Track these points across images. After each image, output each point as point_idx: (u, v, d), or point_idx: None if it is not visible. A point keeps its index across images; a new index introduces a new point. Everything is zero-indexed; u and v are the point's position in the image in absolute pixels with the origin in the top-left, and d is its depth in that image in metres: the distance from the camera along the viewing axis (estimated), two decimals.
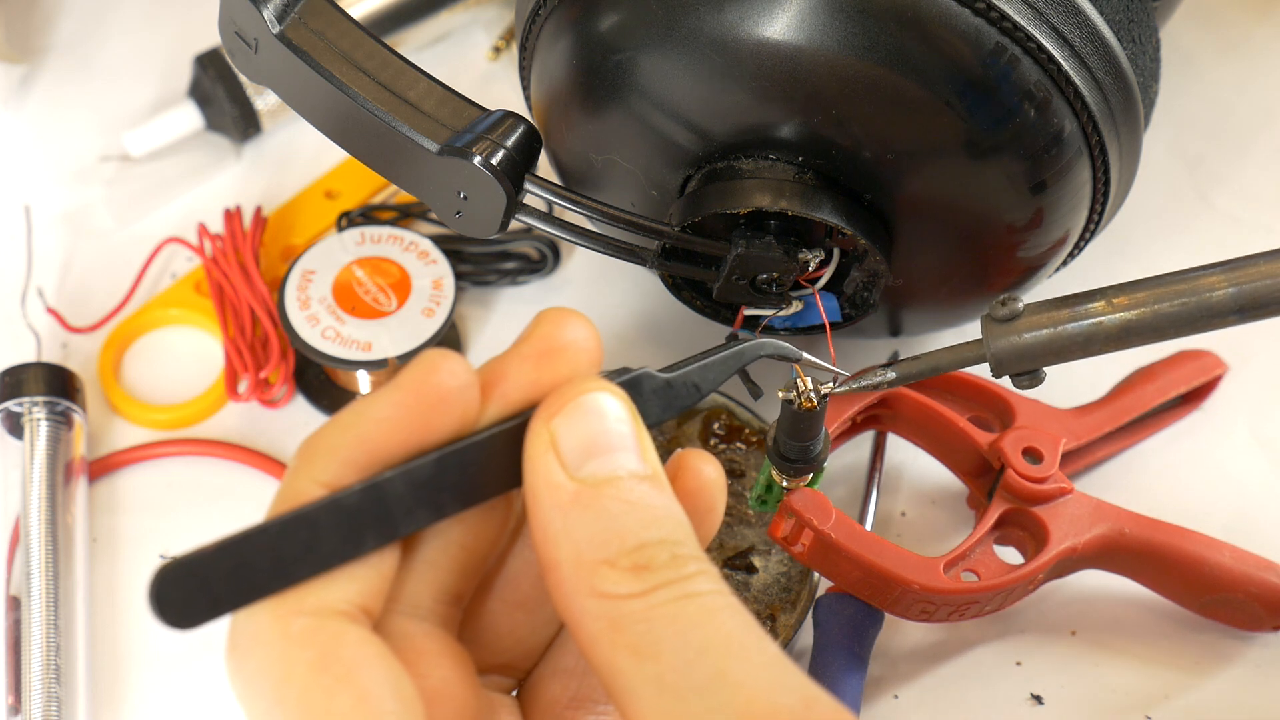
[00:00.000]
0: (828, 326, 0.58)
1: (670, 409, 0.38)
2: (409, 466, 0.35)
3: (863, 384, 0.51)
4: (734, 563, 0.61)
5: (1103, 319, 0.49)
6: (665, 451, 0.63)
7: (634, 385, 0.38)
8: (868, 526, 0.63)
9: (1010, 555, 0.59)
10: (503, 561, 0.39)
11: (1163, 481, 0.66)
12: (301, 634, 0.33)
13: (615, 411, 0.36)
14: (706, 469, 0.39)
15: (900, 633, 0.61)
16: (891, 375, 0.51)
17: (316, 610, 0.34)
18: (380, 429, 0.35)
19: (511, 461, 0.36)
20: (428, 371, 0.35)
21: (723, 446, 0.63)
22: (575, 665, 0.39)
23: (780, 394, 0.52)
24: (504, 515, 0.38)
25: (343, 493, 0.34)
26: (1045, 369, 0.50)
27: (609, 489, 0.35)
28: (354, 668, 0.33)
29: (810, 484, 0.56)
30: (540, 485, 0.35)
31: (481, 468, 0.36)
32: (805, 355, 0.44)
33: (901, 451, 0.65)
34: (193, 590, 0.33)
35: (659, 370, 0.39)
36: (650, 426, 0.37)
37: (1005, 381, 0.62)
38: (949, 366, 0.51)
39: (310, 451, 0.35)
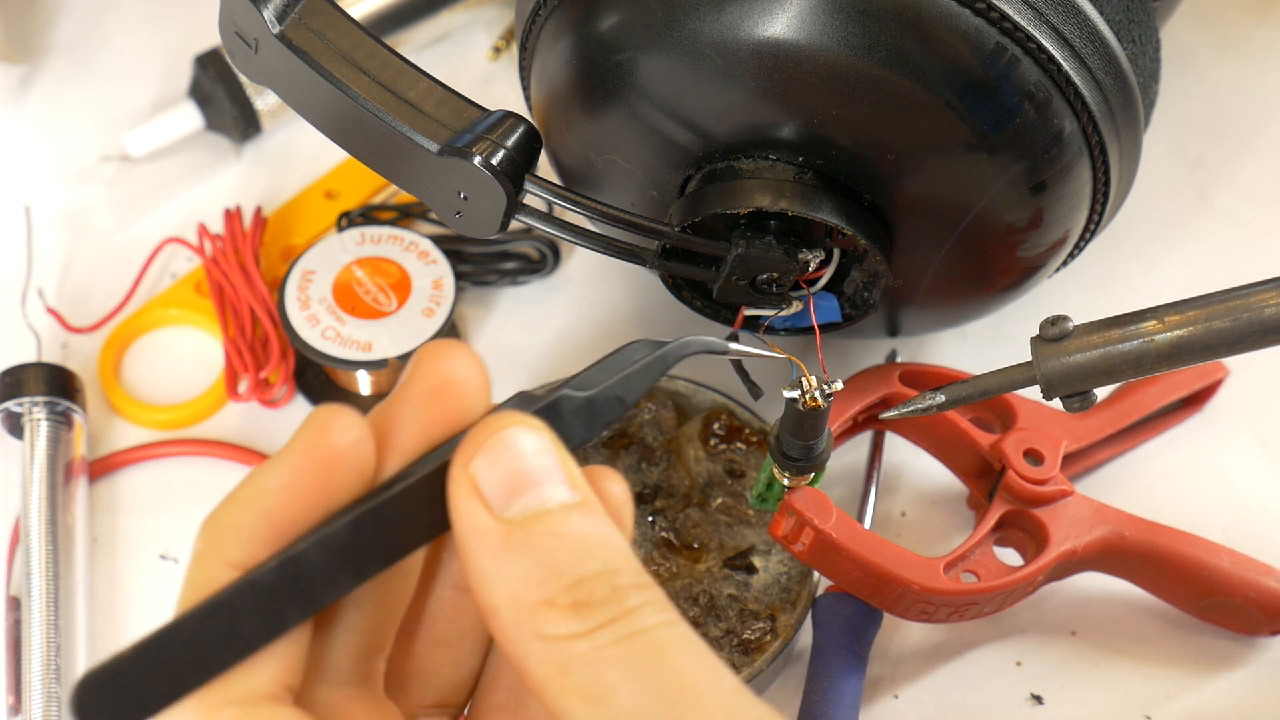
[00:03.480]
0: (817, 330, 0.58)
1: (595, 427, 0.36)
2: (323, 534, 0.33)
3: (915, 408, 0.50)
4: (734, 563, 0.61)
5: (1154, 337, 0.48)
6: (666, 452, 0.63)
7: (552, 410, 0.36)
8: (866, 526, 0.63)
9: (1010, 557, 0.59)
10: (418, 604, 0.38)
11: (1163, 484, 0.66)
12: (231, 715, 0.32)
13: (534, 444, 0.34)
14: (612, 488, 0.37)
15: (900, 633, 0.62)
16: (941, 399, 0.50)
17: (243, 698, 0.33)
18: (281, 499, 0.33)
19: (432, 510, 0.34)
20: (319, 432, 0.34)
21: (722, 447, 0.63)
22: (508, 700, 0.38)
23: (784, 393, 0.52)
24: (413, 563, 0.37)
25: (256, 572, 0.33)
26: (1096, 390, 0.49)
27: (539, 525, 0.33)
28: None
29: (811, 483, 0.56)
30: (468, 532, 0.33)
31: (401, 522, 0.34)
32: (733, 346, 0.41)
33: (901, 451, 0.65)
34: (116, 697, 0.32)
35: (575, 386, 0.36)
36: (574, 448, 0.35)
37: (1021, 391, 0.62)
38: (998, 389, 0.50)
39: (213, 532, 0.34)
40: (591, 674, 0.32)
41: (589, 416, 0.36)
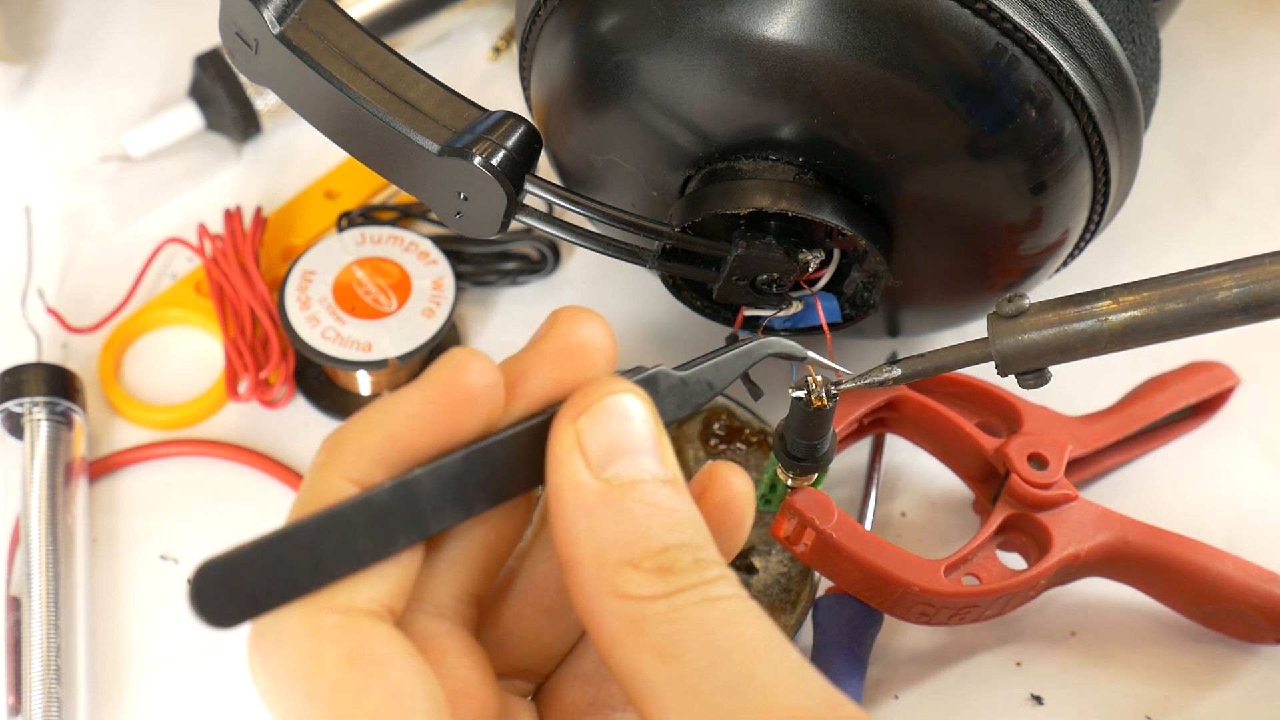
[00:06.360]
0: (826, 330, 0.58)
1: (685, 407, 0.39)
2: (438, 464, 0.35)
3: (867, 381, 0.51)
4: (734, 563, 0.61)
5: (1109, 317, 0.49)
6: None
7: (650, 383, 0.38)
8: (867, 527, 0.63)
9: (1013, 560, 0.59)
10: (527, 564, 0.39)
11: (1169, 491, 0.66)
12: (333, 630, 0.33)
13: (639, 413, 0.36)
14: (737, 482, 0.39)
15: (901, 633, 0.61)
16: (897, 372, 0.51)
17: (346, 609, 0.34)
18: (409, 426, 0.35)
19: (536, 459, 0.36)
20: (456, 370, 0.35)
21: (722, 447, 0.63)
22: (594, 670, 0.39)
23: (791, 392, 0.52)
24: (524, 515, 0.38)
25: (374, 490, 0.34)
26: (1051, 369, 0.50)
27: (633, 491, 0.35)
28: (385, 664, 0.33)
29: (814, 484, 0.56)
30: (565, 484, 0.35)
31: (508, 465, 0.36)
32: (811, 354, 0.44)
33: (905, 453, 0.65)
34: (232, 589, 0.33)
35: (673, 369, 0.39)
36: (666, 425, 0.37)
37: (1013, 385, 0.62)
38: (954, 365, 0.51)
39: (338, 447, 0.35)
40: (667, 632, 0.33)
41: (682, 396, 0.39)
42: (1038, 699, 0.60)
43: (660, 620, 0.33)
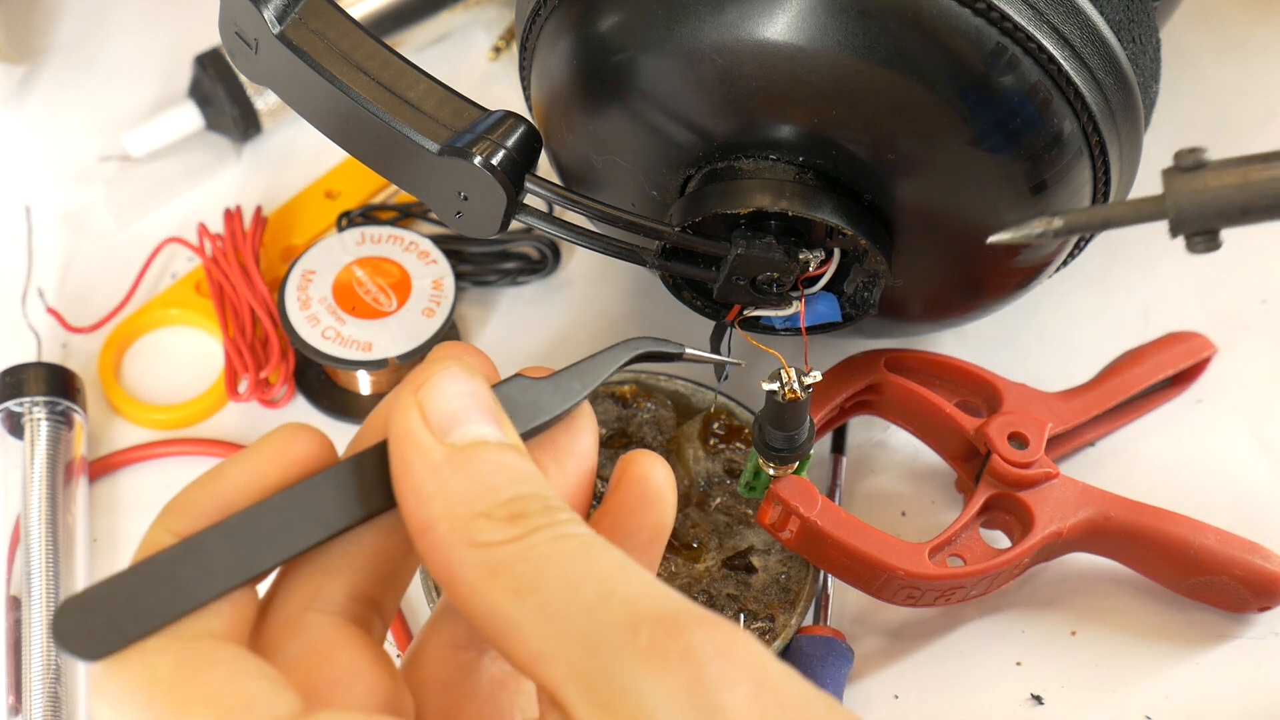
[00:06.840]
0: (804, 333, 0.58)
1: (548, 410, 0.39)
2: (250, 509, 0.36)
3: (1027, 232, 0.47)
4: (733, 563, 0.61)
5: None
6: (665, 451, 0.63)
7: (506, 389, 0.38)
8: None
9: (997, 539, 0.60)
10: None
11: (1150, 464, 0.66)
12: (158, 644, 0.34)
13: (474, 386, 0.37)
14: (655, 473, 0.40)
15: (900, 633, 0.62)
16: (1058, 223, 0.47)
17: (171, 634, 0.34)
18: (233, 486, 0.36)
19: (364, 484, 0.37)
20: (286, 438, 0.37)
21: (722, 446, 0.63)
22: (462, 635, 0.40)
23: (763, 385, 0.52)
24: (403, 530, 0.38)
25: (193, 536, 0.35)
26: (1223, 233, 0.46)
27: (477, 452, 0.36)
28: (217, 659, 0.34)
29: (797, 471, 0.56)
30: (411, 451, 0.36)
31: (322, 501, 0.37)
32: (688, 350, 0.43)
33: (890, 433, 0.65)
34: (93, 626, 0.34)
35: (540, 377, 0.39)
36: (538, 426, 0.38)
37: (992, 363, 0.62)
38: (1121, 220, 0.47)
39: (168, 508, 0.36)
40: (522, 570, 0.34)
41: (543, 399, 0.39)
42: (1038, 699, 0.60)
43: (515, 560, 0.34)
